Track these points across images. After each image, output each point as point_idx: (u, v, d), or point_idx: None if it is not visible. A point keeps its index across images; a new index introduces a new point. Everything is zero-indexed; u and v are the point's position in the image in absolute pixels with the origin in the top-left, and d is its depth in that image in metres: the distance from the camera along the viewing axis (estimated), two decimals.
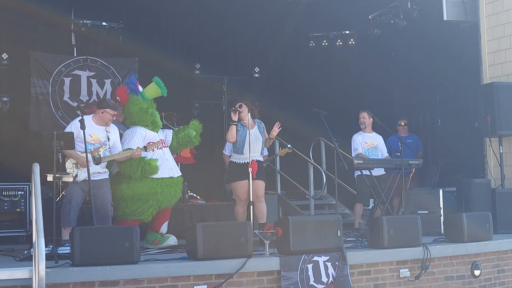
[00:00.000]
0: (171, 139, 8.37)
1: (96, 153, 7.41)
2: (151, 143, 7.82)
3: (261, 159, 8.35)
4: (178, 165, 8.58)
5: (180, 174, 8.31)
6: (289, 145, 9.89)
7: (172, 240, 8.00)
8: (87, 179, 7.14)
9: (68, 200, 7.37)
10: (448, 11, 10.29)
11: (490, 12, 10.24)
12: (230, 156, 8.65)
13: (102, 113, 7.57)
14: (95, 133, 7.47)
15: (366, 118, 9.92)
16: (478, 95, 10.06)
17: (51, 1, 10.64)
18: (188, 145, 8.57)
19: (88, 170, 7.05)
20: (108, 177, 7.70)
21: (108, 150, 7.59)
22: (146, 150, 7.74)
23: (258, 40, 13.19)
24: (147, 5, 11.89)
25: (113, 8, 11.74)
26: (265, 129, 8.45)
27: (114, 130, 7.75)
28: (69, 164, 7.35)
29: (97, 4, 11.62)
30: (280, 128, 8.31)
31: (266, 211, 8.27)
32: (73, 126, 7.42)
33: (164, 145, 8.19)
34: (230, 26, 12.79)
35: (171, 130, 8.52)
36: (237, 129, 8.21)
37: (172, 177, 8.07)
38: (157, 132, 8.19)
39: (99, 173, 7.48)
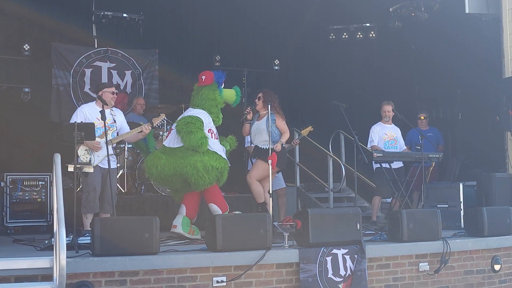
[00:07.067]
0: None
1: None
2: (155, 119, 8.00)
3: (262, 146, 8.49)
4: None
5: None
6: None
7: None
8: (99, 164, 7.43)
9: (93, 188, 7.44)
10: (470, 3, 10.19)
11: None
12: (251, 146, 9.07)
13: (101, 94, 7.67)
14: (102, 117, 7.51)
15: (391, 112, 9.82)
16: (499, 89, 9.98)
17: None
18: None
19: (108, 158, 7.12)
20: (116, 166, 7.85)
21: (116, 132, 7.71)
22: (152, 126, 7.88)
23: (278, 33, 13.16)
24: None
25: (134, 0, 11.78)
26: (276, 121, 8.43)
27: (119, 113, 7.90)
28: (81, 151, 7.41)
29: None
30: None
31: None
32: (79, 114, 7.57)
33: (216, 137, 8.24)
34: (250, 18, 12.77)
35: None
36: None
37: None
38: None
39: (112, 154, 7.50)
